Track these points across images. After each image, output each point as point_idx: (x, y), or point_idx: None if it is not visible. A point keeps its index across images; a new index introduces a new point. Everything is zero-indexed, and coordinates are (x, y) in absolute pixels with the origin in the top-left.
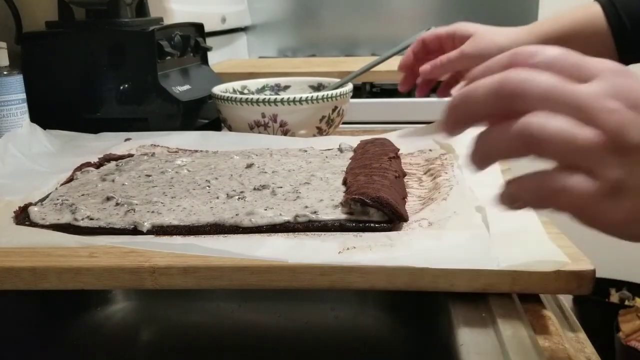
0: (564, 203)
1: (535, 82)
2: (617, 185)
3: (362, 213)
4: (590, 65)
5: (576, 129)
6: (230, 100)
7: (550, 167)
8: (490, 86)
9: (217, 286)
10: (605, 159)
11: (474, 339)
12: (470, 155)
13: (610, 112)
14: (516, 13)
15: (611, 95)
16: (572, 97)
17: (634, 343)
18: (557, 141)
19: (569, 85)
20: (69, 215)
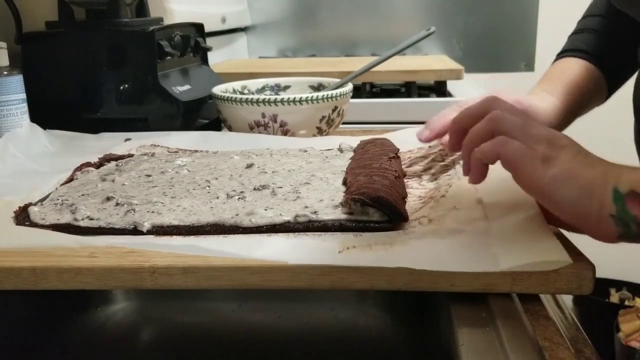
0: (509, 153)
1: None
2: (547, 156)
3: (362, 213)
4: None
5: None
6: (230, 100)
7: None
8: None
9: (217, 286)
10: (533, 144)
11: (474, 339)
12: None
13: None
14: (516, 13)
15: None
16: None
17: (634, 343)
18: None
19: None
20: (69, 215)
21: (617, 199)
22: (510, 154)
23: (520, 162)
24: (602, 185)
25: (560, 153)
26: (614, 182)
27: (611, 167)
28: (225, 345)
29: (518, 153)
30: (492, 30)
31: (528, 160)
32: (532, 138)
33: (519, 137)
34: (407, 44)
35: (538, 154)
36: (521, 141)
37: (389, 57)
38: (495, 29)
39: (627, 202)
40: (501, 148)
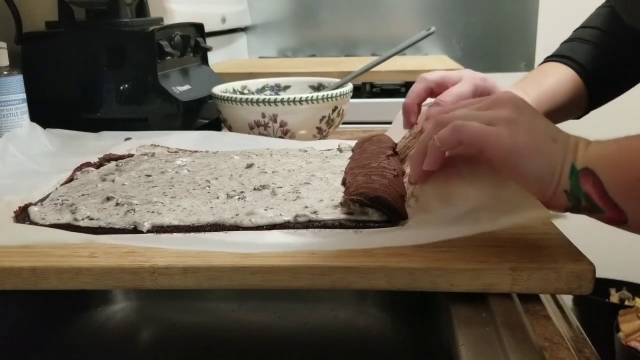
0: (470, 134)
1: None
2: (512, 120)
3: (362, 213)
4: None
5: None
6: (230, 100)
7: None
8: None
9: (217, 286)
10: (496, 110)
11: (474, 339)
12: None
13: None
14: (516, 13)
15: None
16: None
17: (634, 343)
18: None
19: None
20: (69, 215)
21: (573, 174)
22: (472, 135)
23: (484, 140)
24: (562, 161)
25: (523, 120)
26: (572, 159)
27: (569, 141)
28: (225, 345)
29: (479, 132)
30: (492, 30)
31: (491, 136)
32: (485, 116)
33: (473, 119)
34: (407, 44)
35: (500, 128)
36: (478, 121)
37: (389, 57)
38: (495, 29)
39: (580, 178)
40: (460, 134)
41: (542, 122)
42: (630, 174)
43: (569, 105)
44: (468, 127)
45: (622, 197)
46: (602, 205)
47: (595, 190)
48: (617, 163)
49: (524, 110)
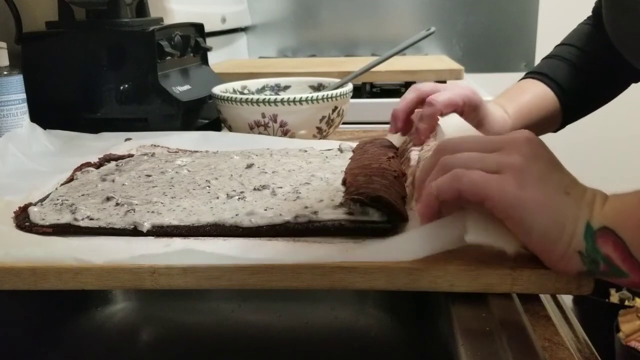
0: (472, 183)
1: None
2: (520, 169)
3: (362, 213)
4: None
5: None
6: (230, 100)
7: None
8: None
9: (217, 286)
10: (508, 159)
11: (474, 338)
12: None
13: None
14: (516, 13)
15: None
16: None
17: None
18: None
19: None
20: (69, 215)
21: (588, 234)
22: (472, 184)
23: (485, 189)
24: (575, 218)
25: (532, 171)
26: (587, 216)
27: (585, 196)
28: (225, 345)
29: (480, 182)
30: (492, 30)
31: (493, 185)
32: (491, 162)
33: (478, 165)
34: (407, 44)
35: (505, 177)
36: (482, 168)
37: (389, 57)
38: (495, 29)
39: (598, 238)
40: (459, 183)
41: (557, 172)
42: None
43: (543, 122)
44: (469, 176)
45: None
46: (626, 268)
47: (617, 253)
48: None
49: (539, 156)
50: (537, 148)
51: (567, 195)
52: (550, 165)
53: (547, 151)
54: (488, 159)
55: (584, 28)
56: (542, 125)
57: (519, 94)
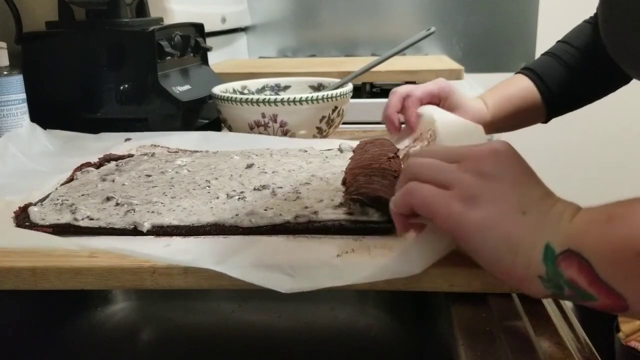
0: (419, 200)
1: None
2: (471, 196)
3: (362, 213)
4: (456, 154)
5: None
6: (230, 100)
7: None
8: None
9: (217, 286)
10: (462, 177)
11: (474, 339)
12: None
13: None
14: (516, 13)
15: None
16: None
17: (634, 343)
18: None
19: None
20: (69, 215)
21: (548, 258)
22: (421, 201)
23: (434, 207)
24: (531, 241)
25: (485, 190)
26: (548, 237)
27: (548, 214)
28: (225, 345)
29: (428, 198)
30: (492, 30)
31: (441, 203)
32: (446, 176)
33: (431, 178)
34: (407, 44)
35: (454, 194)
36: (434, 182)
37: (389, 57)
38: (495, 29)
39: (560, 262)
40: (411, 198)
41: (520, 188)
42: (629, 250)
43: (523, 115)
44: (420, 191)
45: (621, 279)
46: (594, 292)
47: (582, 276)
48: (611, 238)
49: (501, 172)
50: (501, 163)
51: (523, 216)
52: (514, 181)
53: (516, 165)
54: (442, 174)
55: (585, 27)
56: (523, 118)
57: (501, 88)
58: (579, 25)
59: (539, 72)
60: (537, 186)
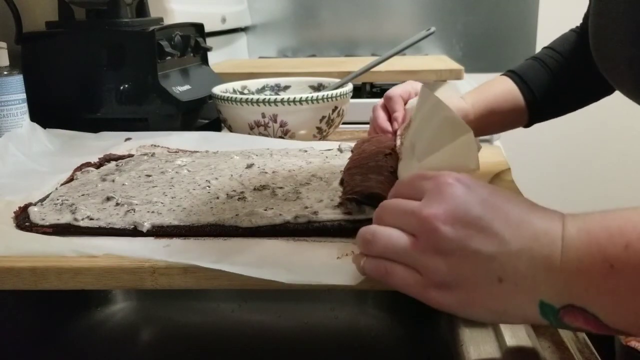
0: (395, 285)
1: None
2: (442, 282)
3: (359, 212)
4: (421, 188)
5: (398, 239)
6: (230, 100)
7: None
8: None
9: (217, 286)
10: (426, 263)
11: (474, 339)
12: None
13: (429, 229)
14: (516, 13)
15: (433, 215)
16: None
17: (634, 343)
18: (384, 247)
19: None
20: (69, 215)
21: (548, 314)
22: (397, 285)
23: (410, 293)
24: (518, 305)
25: (452, 272)
26: (540, 295)
27: (531, 265)
28: (225, 345)
29: (404, 287)
30: (492, 30)
31: (417, 292)
32: (410, 260)
33: (405, 261)
34: (407, 44)
35: (427, 282)
36: (409, 265)
37: (389, 57)
38: (495, 29)
39: (563, 316)
40: (383, 279)
41: (487, 250)
42: (638, 299)
43: (505, 116)
44: (391, 275)
45: (631, 325)
46: (606, 332)
47: (590, 326)
48: (616, 290)
49: (465, 237)
50: (460, 223)
51: (500, 284)
52: (479, 244)
53: (476, 216)
54: (404, 257)
55: (570, 35)
56: (504, 120)
57: (483, 89)
58: (564, 33)
59: (522, 74)
60: (506, 229)
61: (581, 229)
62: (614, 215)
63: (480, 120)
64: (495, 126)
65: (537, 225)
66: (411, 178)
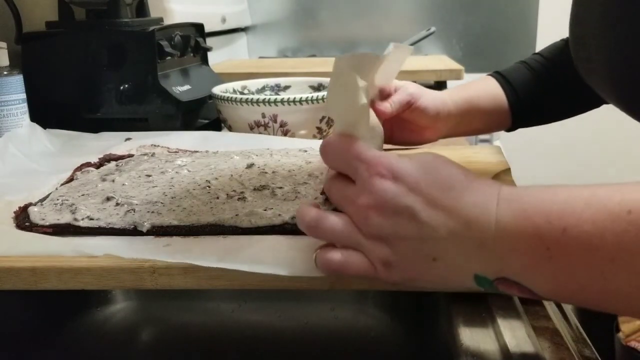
0: (350, 274)
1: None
2: (386, 261)
3: None
4: (356, 171)
5: (341, 226)
6: (230, 100)
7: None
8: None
9: (217, 286)
10: (370, 247)
11: (474, 339)
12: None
13: (364, 217)
14: (516, 13)
15: (373, 203)
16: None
17: (634, 343)
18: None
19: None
20: (69, 215)
21: (483, 283)
22: (354, 273)
23: (365, 275)
24: (455, 279)
25: (392, 253)
26: (475, 270)
27: (463, 245)
28: (225, 345)
29: (355, 274)
30: (492, 30)
31: (368, 273)
32: (353, 243)
33: (351, 245)
34: (407, 44)
35: (376, 262)
36: (355, 247)
37: None
38: (495, 29)
39: (498, 285)
40: (338, 272)
41: (420, 233)
42: (573, 282)
43: (486, 115)
44: (351, 266)
45: (565, 299)
46: (537, 299)
47: (525, 294)
48: (553, 273)
49: (397, 224)
50: (389, 212)
51: (434, 262)
52: (412, 228)
53: (405, 204)
54: (349, 241)
55: (559, 43)
56: (485, 121)
57: (466, 85)
58: (555, 42)
59: (508, 76)
60: (435, 217)
61: (517, 211)
62: (554, 196)
63: (461, 114)
64: (478, 122)
65: (468, 212)
66: (347, 154)
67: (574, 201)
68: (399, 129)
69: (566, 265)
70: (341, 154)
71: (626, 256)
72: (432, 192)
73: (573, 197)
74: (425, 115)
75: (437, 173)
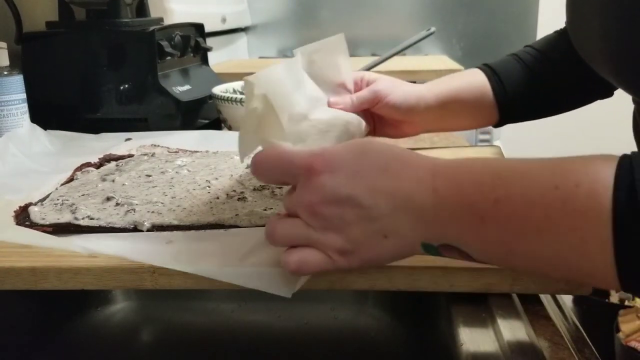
0: (312, 271)
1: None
2: (342, 250)
3: None
4: (295, 178)
5: (295, 227)
6: (230, 100)
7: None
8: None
9: (217, 286)
10: (323, 240)
11: (474, 339)
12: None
13: (311, 213)
14: (516, 13)
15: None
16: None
17: (634, 343)
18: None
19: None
20: (69, 215)
21: (429, 250)
22: (311, 272)
23: (326, 269)
24: (405, 252)
25: (346, 241)
26: (421, 239)
27: (408, 218)
28: (225, 345)
29: (316, 269)
30: (492, 30)
31: (328, 266)
32: (308, 240)
33: (307, 243)
34: (407, 44)
35: (332, 253)
36: (311, 245)
37: (389, 57)
38: (495, 29)
39: (441, 250)
40: (300, 271)
41: (366, 216)
42: (503, 247)
43: (470, 108)
44: (311, 264)
45: (499, 262)
46: (477, 263)
47: (465, 259)
48: (486, 238)
49: (343, 214)
50: (332, 201)
51: (387, 239)
52: (358, 213)
53: (344, 191)
54: (306, 239)
55: (552, 35)
56: (469, 115)
57: (451, 79)
58: (547, 34)
59: (496, 68)
60: (376, 200)
61: (451, 185)
62: (484, 168)
63: (442, 108)
64: (462, 116)
65: (407, 188)
66: (280, 166)
67: (504, 172)
68: (380, 124)
69: (497, 233)
70: (273, 169)
71: (552, 227)
72: (369, 176)
73: (507, 169)
74: (396, 111)
75: (371, 157)
